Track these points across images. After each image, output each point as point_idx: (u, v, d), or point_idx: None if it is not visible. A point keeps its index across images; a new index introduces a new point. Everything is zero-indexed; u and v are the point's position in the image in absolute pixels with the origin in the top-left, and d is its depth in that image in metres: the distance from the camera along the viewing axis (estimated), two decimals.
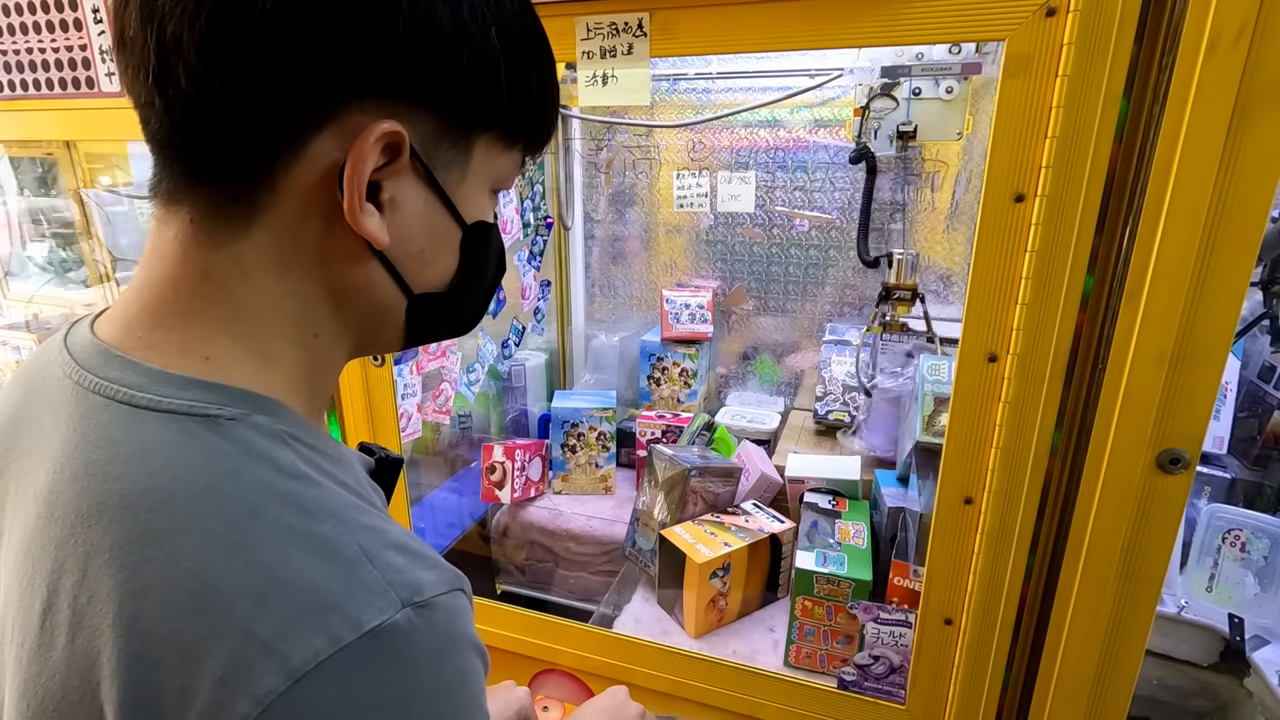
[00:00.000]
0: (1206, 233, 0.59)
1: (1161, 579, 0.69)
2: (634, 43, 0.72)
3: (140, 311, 0.38)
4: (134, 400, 0.35)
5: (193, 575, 0.31)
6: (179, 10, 0.33)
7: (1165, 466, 0.65)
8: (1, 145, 1.50)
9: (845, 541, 1.05)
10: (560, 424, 1.48)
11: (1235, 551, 1.06)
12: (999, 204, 0.65)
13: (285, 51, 0.33)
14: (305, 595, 0.31)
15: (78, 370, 0.37)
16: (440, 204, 0.41)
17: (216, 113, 0.34)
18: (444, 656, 0.34)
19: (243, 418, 0.36)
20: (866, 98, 1.20)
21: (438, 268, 0.43)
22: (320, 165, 0.36)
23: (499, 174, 0.44)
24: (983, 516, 0.73)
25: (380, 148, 0.36)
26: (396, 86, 0.36)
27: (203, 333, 0.38)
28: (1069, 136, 0.61)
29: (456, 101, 0.38)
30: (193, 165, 0.37)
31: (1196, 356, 0.62)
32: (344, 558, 0.33)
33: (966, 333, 0.70)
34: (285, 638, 0.30)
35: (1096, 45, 0.59)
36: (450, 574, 0.37)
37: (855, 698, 0.88)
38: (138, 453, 0.34)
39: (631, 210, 1.66)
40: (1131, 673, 0.72)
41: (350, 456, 0.42)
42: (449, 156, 0.40)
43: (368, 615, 0.31)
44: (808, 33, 0.66)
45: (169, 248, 0.38)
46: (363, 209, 0.37)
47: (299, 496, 0.34)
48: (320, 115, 0.35)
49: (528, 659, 1.07)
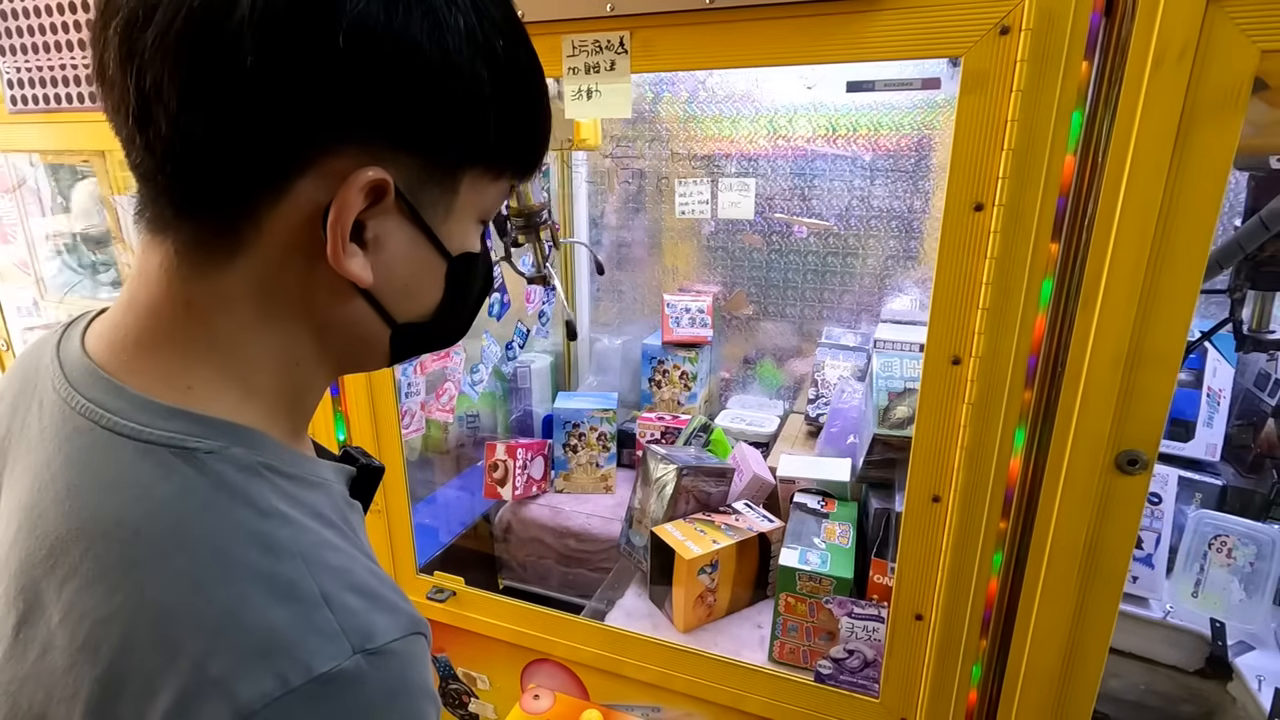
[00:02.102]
0: (1157, 239, 0.61)
1: (1123, 577, 0.71)
2: (616, 59, 0.76)
3: (127, 336, 0.39)
4: (116, 427, 0.36)
5: (156, 607, 0.32)
6: (159, 57, 0.33)
7: (1124, 467, 0.68)
8: (38, 154, 1.58)
9: (831, 541, 1.08)
10: (562, 424, 1.52)
11: (1222, 558, 1.07)
12: (960, 213, 0.68)
13: (267, 100, 0.34)
14: (260, 637, 0.32)
15: (67, 388, 0.38)
16: (425, 240, 0.41)
17: (198, 156, 0.35)
18: (395, 701, 0.35)
19: (220, 450, 0.36)
20: None
21: (422, 299, 0.44)
22: (304, 207, 0.36)
23: (486, 205, 0.44)
24: (950, 514, 0.76)
25: (365, 192, 0.36)
26: (380, 131, 0.36)
27: (185, 362, 0.38)
28: (1024, 148, 0.64)
29: (441, 143, 0.38)
30: (176, 200, 0.37)
31: (1152, 359, 0.64)
32: (303, 601, 0.34)
33: (931, 336, 0.72)
34: (236, 676, 0.31)
35: (1048, 62, 0.61)
36: (406, 619, 0.37)
37: (832, 691, 0.90)
38: (116, 481, 0.35)
39: (636, 216, 1.70)
40: (1097, 668, 0.74)
41: (327, 477, 0.43)
42: (434, 194, 0.40)
43: (318, 660, 0.32)
44: (776, 50, 0.69)
45: (154, 274, 0.38)
46: (346, 251, 0.37)
47: (267, 536, 0.35)
48: (303, 160, 0.36)
49: (522, 649, 1.11)
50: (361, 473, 0.48)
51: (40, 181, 1.70)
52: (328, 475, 0.43)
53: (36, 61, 1.09)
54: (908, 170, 1.43)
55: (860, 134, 1.43)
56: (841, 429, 1.30)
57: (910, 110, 1.38)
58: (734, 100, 1.51)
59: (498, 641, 1.12)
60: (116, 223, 1.56)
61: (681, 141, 1.59)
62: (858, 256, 1.53)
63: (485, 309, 1.46)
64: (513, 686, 1.16)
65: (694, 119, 1.55)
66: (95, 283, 1.72)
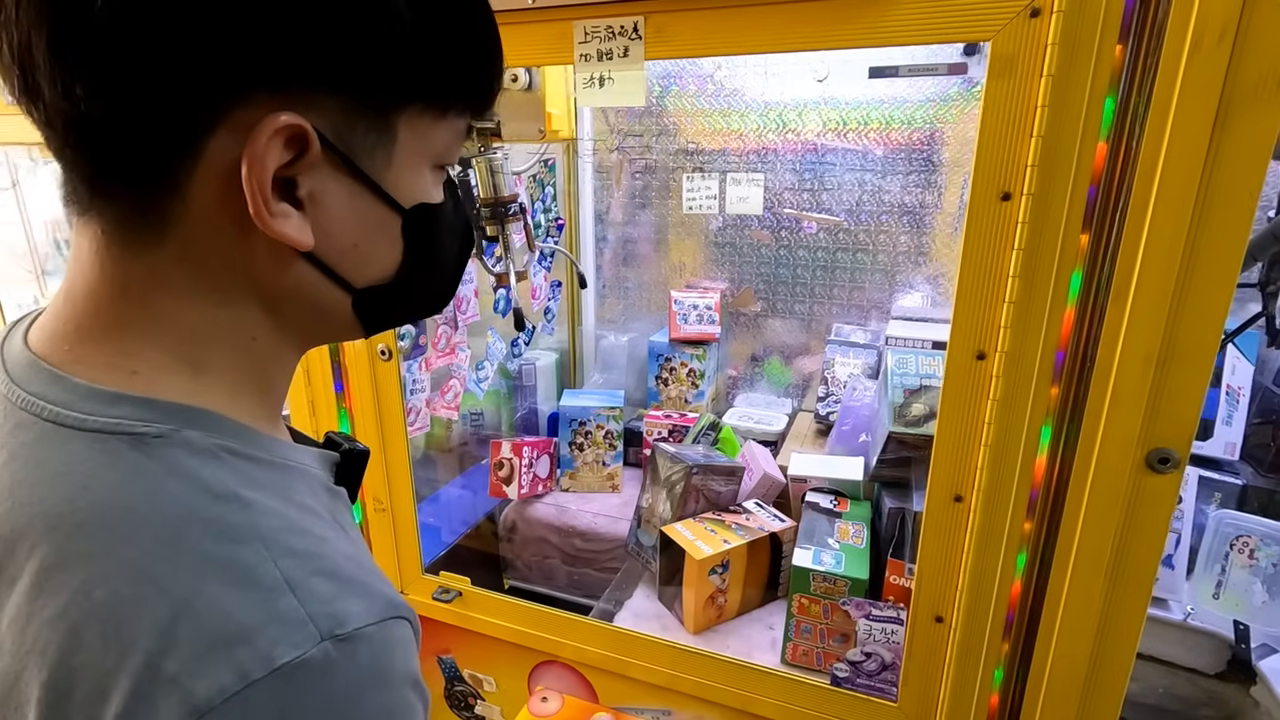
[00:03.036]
0: (1192, 231, 0.59)
1: (1152, 579, 0.69)
2: (630, 46, 0.73)
3: (66, 324, 0.37)
4: (60, 419, 0.34)
5: (104, 604, 0.30)
6: (24, 18, 0.31)
7: (1154, 466, 0.65)
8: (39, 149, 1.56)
9: (844, 541, 1.06)
10: (568, 422, 1.50)
11: (1243, 558, 1.05)
12: (986, 202, 0.66)
13: (144, 53, 0.31)
14: (215, 627, 0.30)
15: (8, 384, 0.36)
16: (369, 192, 0.38)
17: (94, 123, 0.32)
18: (365, 692, 0.32)
19: (171, 434, 0.34)
20: None
21: (379, 260, 0.40)
22: (221, 168, 0.33)
23: (437, 148, 0.40)
24: (972, 514, 0.74)
25: (281, 143, 0.33)
26: (285, 75, 0.33)
27: (129, 346, 0.36)
28: (1054, 136, 0.62)
29: (360, 81, 0.35)
30: (89, 177, 0.34)
31: (1184, 356, 0.62)
32: (262, 586, 0.31)
33: (955, 331, 0.70)
34: (191, 672, 0.29)
35: (1080, 45, 0.59)
36: (383, 602, 0.34)
37: (848, 694, 0.88)
38: (60, 474, 0.33)
39: (642, 212, 1.68)
40: (1123, 673, 0.72)
41: (301, 460, 0.40)
42: (369, 140, 0.37)
43: (280, 650, 0.30)
44: (795, 35, 0.67)
45: (87, 258, 0.36)
46: (272, 211, 0.34)
47: (222, 520, 0.33)
48: (207, 116, 0.33)
49: (529, 650, 1.09)
50: (345, 458, 0.45)
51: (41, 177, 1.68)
52: (301, 459, 0.40)
53: None
54: (920, 165, 1.40)
55: (871, 128, 1.41)
56: (853, 427, 1.28)
57: (922, 103, 1.36)
58: (742, 94, 1.49)
59: (504, 643, 1.10)
60: None
61: (689, 136, 1.56)
62: (868, 252, 1.51)
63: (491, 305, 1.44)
64: (520, 689, 1.14)
65: (702, 113, 1.53)
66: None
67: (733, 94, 1.49)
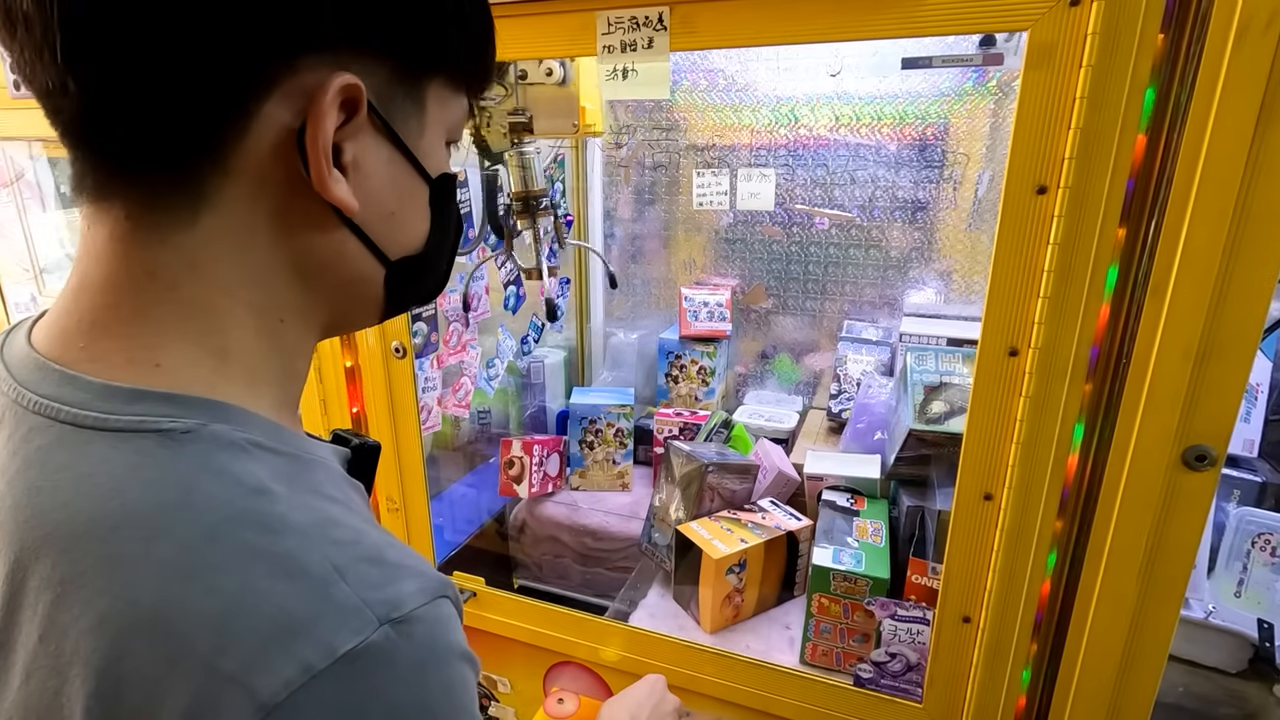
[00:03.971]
0: (1233, 225, 0.58)
1: (1186, 580, 0.68)
2: (654, 37, 0.72)
3: (80, 321, 0.35)
4: (78, 420, 0.32)
5: (148, 608, 0.29)
6: None
7: (1191, 464, 0.64)
8: (41, 143, 1.54)
9: (863, 539, 1.05)
10: (578, 420, 1.49)
11: (1266, 556, 1.04)
12: (1021, 196, 0.64)
13: (200, 11, 0.30)
14: (270, 621, 0.29)
15: (15, 388, 0.34)
16: (404, 160, 0.38)
17: (144, 89, 0.31)
18: (428, 671, 0.32)
19: (198, 429, 0.33)
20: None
21: (412, 229, 0.41)
22: (273, 134, 0.33)
23: (452, 121, 0.42)
24: (1002, 513, 0.73)
25: (338, 104, 0.33)
26: (344, 35, 0.33)
27: (152, 338, 0.34)
28: (1092, 128, 0.60)
29: (407, 44, 0.36)
30: (122, 155, 0.33)
31: (1223, 352, 0.61)
32: (312, 576, 0.31)
33: (987, 326, 0.69)
34: (251, 669, 0.28)
35: (1121, 35, 0.58)
36: (433, 581, 0.34)
37: (872, 695, 0.87)
38: (85, 477, 0.31)
39: (651, 208, 1.67)
40: (1154, 676, 0.71)
41: (322, 454, 0.40)
42: (406, 108, 0.37)
43: (341, 638, 0.29)
44: (826, 26, 0.65)
45: (104, 249, 0.34)
46: (330, 174, 0.34)
47: (260, 513, 0.32)
48: (265, 78, 0.32)
49: (544, 651, 1.08)
50: (356, 453, 0.44)
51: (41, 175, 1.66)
52: (323, 453, 0.40)
53: None
54: (933, 160, 1.39)
55: (885, 122, 1.40)
56: (869, 425, 1.26)
57: (936, 98, 1.35)
58: (754, 89, 1.47)
59: (519, 643, 1.09)
60: None
61: (700, 132, 1.55)
62: (880, 249, 1.49)
63: (501, 303, 1.42)
64: (535, 690, 1.13)
65: (714, 108, 1.52)
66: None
67: (744, 89, 1.48)
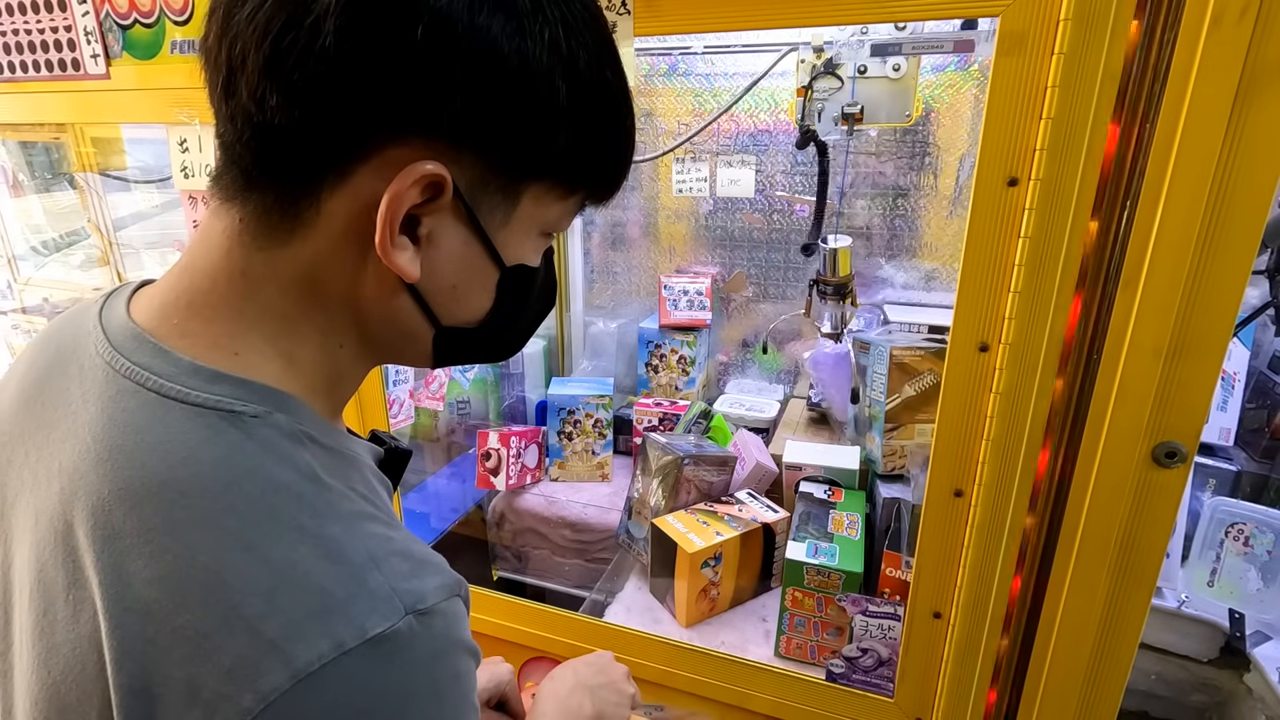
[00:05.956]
0: (1207, 218, 0.57)
1: (1156, 575, 0.67)
2: (618, 20, 0.69)
3: (179, 299, 0.40)
4: (163, 390, 0.36)
5: (207, 569, 0.32)
6: (249, 30, 0.34)
7: (1161, 460, 0.64)
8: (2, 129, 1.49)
9: (838, 532, 1.04)
10: (557, 411, 1.47)
11: (1238, 546, 1.04)
12: (992, 188, 0.63)
13: (338, 83, 0.34)
14: (313, 597, 0.33)
15: (110, 351, 0.38)
16: (480, 244, 0.41)
17: (271, 129, 0.36)
18: (440, 661, 0.36)
19: (265, 415, 0.37)
20: (809, 76, 1.07)
21: (470, 304, 0.43)
22: (362, 195, 0.37)
23: (549, 219, 0.43)
24: (973, 509, 0.72)
25: (420, 187, 0.36)
26: (445, 128, 0.36)
27: (235, 328, 0.39)
28: (1064, 117, 0.59)
29: (507, 149, 0.38)
30: (248, 169, 0.38)
31: (1195, 348, 0.60)
32: (353, 562, 0.34)
33: (957, 321, 0.68)
34: (291, 638, 0.31)
35: (1094, 22, 0.56)
36: (451, 580, 0.38)
37: (844, 690, 0.87)
38: (161, 442, 0.35)
39: (630, 195, 1.64)
40: (1123, 670, 0.71)
41: (360, 453, 0.43)
42: (494, 200, 0.40)
43: (372, 621, 0.33)
44: (795, 10, 0.63)
45: (217, 241, 0.39)
46: (394, 243, 0.37)
47: (314, 498, 0.36)
48: (367, 147, 0.36)
49: (518, 646, 1.07)
50: (389, 454, 0.48)
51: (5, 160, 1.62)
52: (359, 451, 0.43)
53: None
54: (915, 147, 1.37)
55: None
56: None
57: None
58: (732, 75, 1.45)
59: (493, 639, 1.08)
60: (84, 202, 1.48)
61: (678, 116, 1.52)
62: (862, 236, 1.48)
63: None
64: None
65: (693, 93, 1.49)
66: (67, 265, 1.64)
67: (721, 75, 1.45)
